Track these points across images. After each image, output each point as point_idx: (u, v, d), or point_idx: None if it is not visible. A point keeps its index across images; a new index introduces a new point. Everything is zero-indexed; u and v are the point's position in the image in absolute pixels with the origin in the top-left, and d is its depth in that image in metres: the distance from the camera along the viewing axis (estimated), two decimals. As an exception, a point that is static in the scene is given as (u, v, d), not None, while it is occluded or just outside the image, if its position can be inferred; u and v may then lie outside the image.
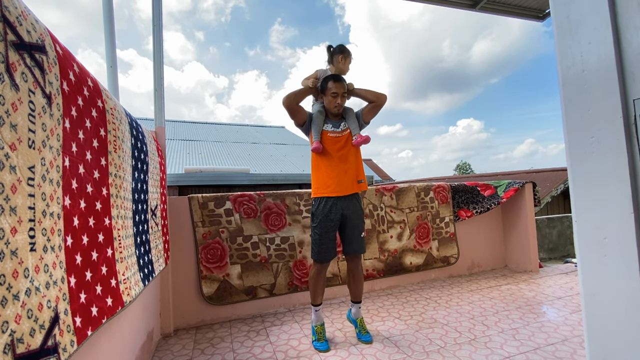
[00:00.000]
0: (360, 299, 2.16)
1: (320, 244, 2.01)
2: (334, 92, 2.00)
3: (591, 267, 1.03)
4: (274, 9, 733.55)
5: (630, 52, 0.91)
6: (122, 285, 1.26)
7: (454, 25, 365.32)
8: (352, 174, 2.03)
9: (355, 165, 2.05)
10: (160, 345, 2.19)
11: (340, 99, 2.01)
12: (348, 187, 2.01)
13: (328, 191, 2.01)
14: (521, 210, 3.57)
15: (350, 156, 2.04)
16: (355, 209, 2.05)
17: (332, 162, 2.02)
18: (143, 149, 1.74)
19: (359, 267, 2.11)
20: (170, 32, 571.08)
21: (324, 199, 2.02)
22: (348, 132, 2.06)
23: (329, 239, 2.02)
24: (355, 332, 2.13)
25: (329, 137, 2.04)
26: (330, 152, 2.03)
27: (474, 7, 3.51)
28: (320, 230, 2.01)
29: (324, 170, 2.03)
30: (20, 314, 0.67)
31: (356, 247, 2.07)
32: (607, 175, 0.97)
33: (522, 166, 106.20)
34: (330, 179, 2.01)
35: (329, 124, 2.07)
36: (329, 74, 2.07)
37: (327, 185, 2.01)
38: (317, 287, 2.07)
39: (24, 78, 0.73)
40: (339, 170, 2.00)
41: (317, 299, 2.09)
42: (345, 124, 2.08)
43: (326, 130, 2.05)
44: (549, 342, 1.95)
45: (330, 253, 2.04)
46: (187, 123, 14.55)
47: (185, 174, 7.62)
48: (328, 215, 2.00)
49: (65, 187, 0.90)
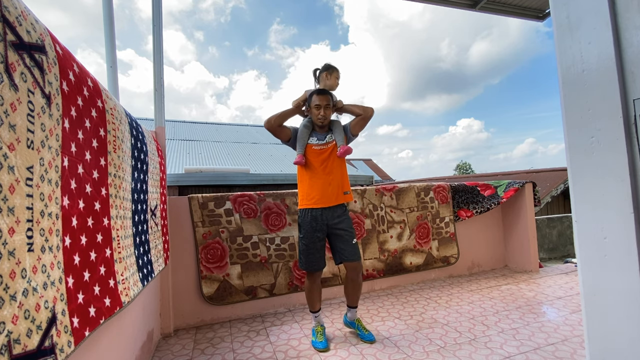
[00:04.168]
0: (356, 304, 2.16)
1: (307, 254, 2.04)
2: (316, 104, 2.05)
3: (591, 267, 1.03)
4: (273, 8, 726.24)
5: (630, 52, 0.91)
6: (120, 285, 1.26)
7: (454, 25, 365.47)
8: (336, 185, 2.05)
9: (340, 177, 2.07)
10: (160, 345, 2.19)
11: (323, 110, 2.04)
12: (332, 199, 2.03)
13: (312, 202, 2.03)
14: (521, 210, 3.57)
15: (335, 168, 2.06)
16: (341, 218, 2.05)
17: (316, 174, 2.05)
18: (143, 149, 1.74)
19: (359, 277, 2.08)
20: (170, 32, 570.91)
21: (308, 210, 2.04)
22: (333, 144, 2.08)
23: (316, 249, 2.03)
24: (357, 333, 2.13)
25: (314, 149, 2.08)
26: (314, 164, 2.06)
27: (474, 7, 3.51)
28: (307, 241, 2.03)
29: (307, 182, 2.06)
30: (17, 314, 0.66)
31: (349, 254, 2.03)
32: (607, 175, 0.97)
33: (522, 166, 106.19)
34: (314, 190, 2.03)
35: (314, 137, 2.11)
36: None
37: (311, 196, 2.04)
38: (312, 296, 2.11)
39: (23, 78, 0.73)
40: (322, 182, 2.03)
41: (314, 306, 2.12)
42: (332, 136, 2.11)
43: (311, 143, 2.09)
44: (549, 342, 1.95)
45: (318, 263, 2.05)
46: (187, 123, 14.54)
47: (185, 174, 7.61)
48: (313, 225, 2.02)
49: (63, 187, 0.90)
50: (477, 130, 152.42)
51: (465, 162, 45.35)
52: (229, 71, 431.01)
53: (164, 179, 2.27)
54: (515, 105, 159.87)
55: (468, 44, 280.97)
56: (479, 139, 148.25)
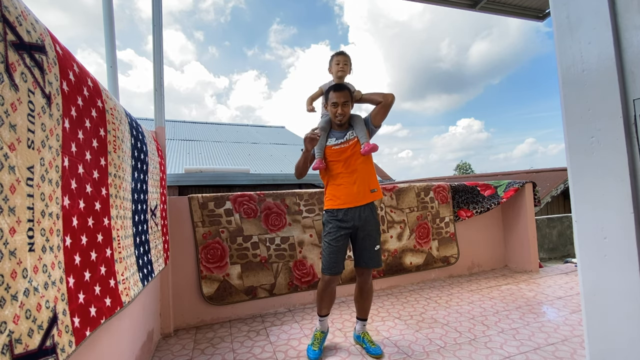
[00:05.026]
0: (367, 316, 2.03)
1: (329, 253, 1.89)
2: (333, 102, 1.91)
3: (591, 267, 1.03)
4: (273, 8, 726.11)
5: (630, 52, 0.91)
6: (120, 285, 1.26)
7: (454, 25, 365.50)
8: (362, 184, 1.91)
9: (365, 175, 1.93)
10: (160, 345, 2.19)
11: (340, 108, 1.90)
12: (359, 198, 1.90)
13: (337, 204, 1.92)
14: (521, 210, 3.57)
15: (359, 165, 1.92)
16: (368, 219, 1.91)
17: (339, 174, 1.93)
18: (143, 149, 1.74)
19: (369, 282, 1.97)
20: (170, 32, 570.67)
21: (333, 211, 1.93)
22: (355, 141, 1.94)
23: (338, 249, 1.89)
24: (363, 347, 1.99)
25: (333, 150, 1.96)
26: (336, 165, 1.94)
27: (474, 7, 3.51)
28: (329, 238, 1.91)
29: (331, 184, 1.96)
30: (18, 314, 0.67)
31: (367, 259, 1.90)
32: (607, 175, 0.97)
33: (522, 166, 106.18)
34: (338, 191, 1.92)
35: (332, 137, 1.99)
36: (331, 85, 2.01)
37: (336, 197, 1.93)
38: (323, 300, 1.97)
39: (24, 78, 0.73)
40: (347, 182, 1.91)
41: (321, 310, 1.99)
42: (353, 132, 1.97)
43: (329, 144, 1.98)
44: (549, 342, 1.95)
45: (337, 265, 1.89)
46: (187, 123, 14.55)
47: (185, 174, 7.61)
48: (337, 224, 1.91)
49: (64, 187, 0.90)
50: (477, 130, 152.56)
51: (465, 162, 45.41)
52: (229, 71, 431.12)
53: (164, 179, 2.27)
54: (515, 105, 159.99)
55: (468, 44, 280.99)
56: (479, 139, 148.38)
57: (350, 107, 1.95)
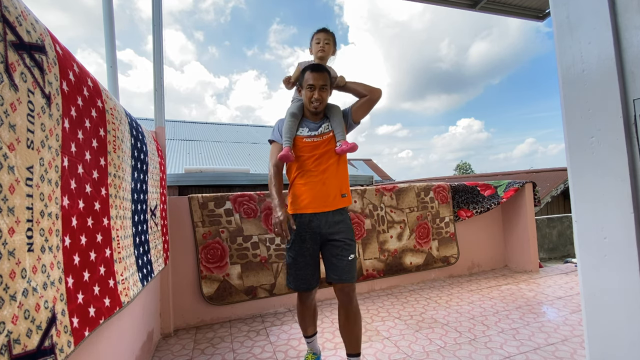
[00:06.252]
0: (359, 350, 1.60)
1: (296, 269, 1.62)
2: (310, 84, 1.57)
3: (591, 267, 1.03)
4: (273, 8, 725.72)
5: (630, 52, 0.91)
6: (120, 285, 1.26)
7: (454, 26, 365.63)
8: (332, 186, 1.61)
9: (337, 176, 1.63)
10: (160, 345, 2.19)
11: (317, 92, 1.57)
12: (327, 202, 1.59)
13: (301, 207, 1.61)
14: (521, 210, 3.57)
15: (331, 165, 1.62)
16: (338, 227, 1.61)
17: (308, 172, 1.61)
18: (143, 149, 1.74)
19: (354, 302, 1.57)
20: (170, 32, 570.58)
21: (297, 216, 1.63)
22: (330, 136, 1.63)
23: (306, 264, 1.62)
24: None
25: (305, 142, 1.63)
26: (305, 161, 1.62)
27: (473, 7, 3.51)
28: (294, 253, 1.62)
29: (297, 182, 1.64)
30: (17, 314, 0.66)
31: (341, 273, 1.56)
32: (607, 175, 0.97)
33: (522, 166, 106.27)
34: (304, 192, 1.61)
35: (305, 127, 1.66)
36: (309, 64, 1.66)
37: (300, 199, 1.62)
38: (304, 319, 1.73)
39: (23, 78, 0.73)
40: (315, 182, 1.60)
41: (306, 330, 1.76)
42: (329, 125, 1.66)
43: (301, 135, 1.64)
44: (549, 342, 1.95)
45: (308, 281, 1.63)
46: (187, 123, 14.56)
47: (185, 174, 7.61)
48: (302, 235, 1.61)
49: (63, 187, 0.90)
50: (477, 130, 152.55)
51: (465, 162, 45.42)
52: (229, 71, 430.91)
53: (164, 179, 2.27)
54: (515, 105, 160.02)
55: (468, 44, 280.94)
56: (479, 139, 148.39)
57: (329, 93, 1.65)
